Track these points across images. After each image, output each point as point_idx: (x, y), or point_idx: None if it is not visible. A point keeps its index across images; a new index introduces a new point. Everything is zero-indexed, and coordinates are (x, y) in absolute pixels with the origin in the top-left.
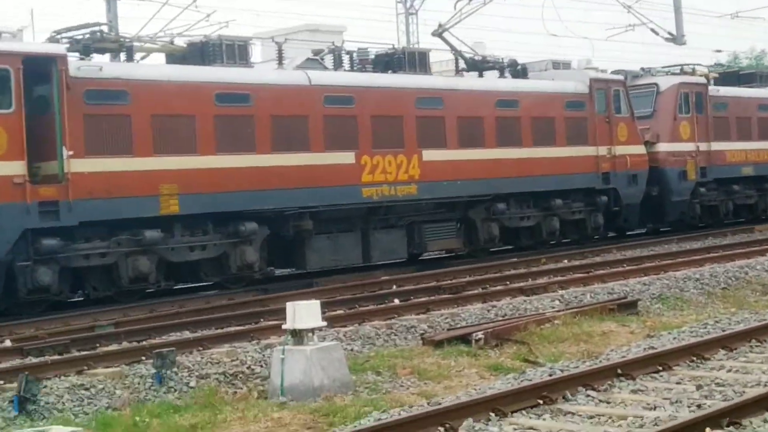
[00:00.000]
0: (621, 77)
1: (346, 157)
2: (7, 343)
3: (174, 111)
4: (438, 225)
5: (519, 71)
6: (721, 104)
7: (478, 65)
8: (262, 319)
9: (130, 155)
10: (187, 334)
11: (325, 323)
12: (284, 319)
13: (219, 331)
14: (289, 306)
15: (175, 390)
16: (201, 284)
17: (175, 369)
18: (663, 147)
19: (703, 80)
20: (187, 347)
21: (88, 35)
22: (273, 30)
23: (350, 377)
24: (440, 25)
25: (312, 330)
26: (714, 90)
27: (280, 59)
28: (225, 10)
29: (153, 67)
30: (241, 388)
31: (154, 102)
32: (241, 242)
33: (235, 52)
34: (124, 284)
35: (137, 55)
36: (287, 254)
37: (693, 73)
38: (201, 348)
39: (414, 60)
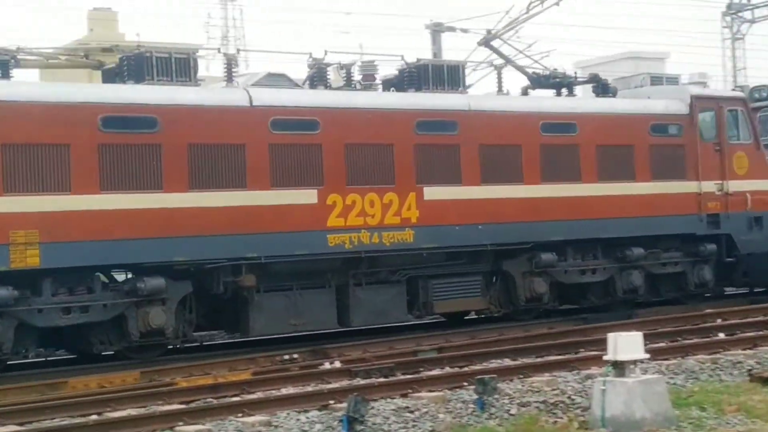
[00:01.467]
0: (740, 94)
1: (305, 196)
2: (337, 364)
3: (37, 139)
4: (453, 280)
5: (601, 87)
6: None
7: (542, 81)
8: (582, 349)
9: None
10: (507, 362)
11: (647, 355)
12: (605, 349)
13: (539, 359)
14: (611, 337)
15: (496, 417)
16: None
17: (496, 395)
18: None
19: None
20: (508, 374)
21: None
22: (595, 58)
23: (673, 412)
24: (488, 32)
25: (634, 362)
26: None
27: (230, 76)
28: (546, 40)
29: (10, 85)
30: (562, 418)
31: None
32: (146, 302)
33: (171, 66)
34: None
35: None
36: (231, 316)
37: None
38: (521, 376)
39: (441, 75)
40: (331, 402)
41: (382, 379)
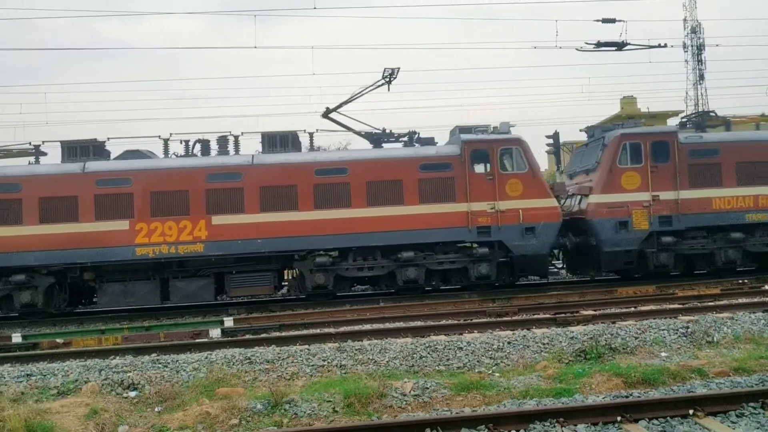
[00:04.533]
0: (516, 136)
1: (120, 225)
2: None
3: None
4: (246, 275)
5: (414, 140)
6: (707, 150)
7: (374, 138)
8: None
9: None
10: None
11: None
12: None
13: None
14: None
15: None
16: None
17: None
18: (593, 199)
19: (671, 128)
20: None
21: None
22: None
23: None
24: (327, 108)
25: None
26: (694, 137)
27: (166, 151)
28: None
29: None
30: None
31: None
32: (17, 288)
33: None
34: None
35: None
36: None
37: (700, 120)
38: None
39: (287, 140)
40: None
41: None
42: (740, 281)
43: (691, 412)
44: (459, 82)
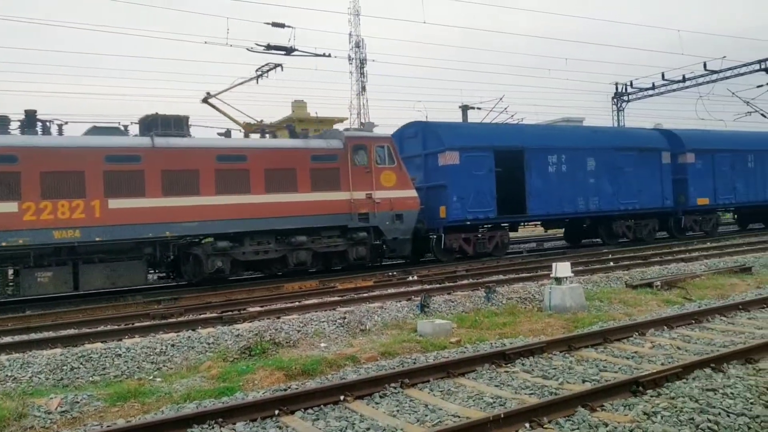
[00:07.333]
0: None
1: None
2: (415, 277)
3: None
4: None
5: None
6: None
7: None
8: (538, 270)
9: None
10: (501, 277)
11: (572, 274)
12: (551, 271)
13: (516, 276)
14: (554, 264)
15: (494, 304)
16: None
17: (495, 293)
18: None
19: None
20: (501, 283)
21: None
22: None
23: (585, 303)
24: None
25: (566, 277)
26: None
27: None
28: None
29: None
30: (528, 306)
31: None
32: None
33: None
34: None
35: None
36: None
37: None
38: (508, 284)
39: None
40: (413, 297)
41: (437, 285)
42: (390, 273)
43: (342, 398)
44: (130, 70)
